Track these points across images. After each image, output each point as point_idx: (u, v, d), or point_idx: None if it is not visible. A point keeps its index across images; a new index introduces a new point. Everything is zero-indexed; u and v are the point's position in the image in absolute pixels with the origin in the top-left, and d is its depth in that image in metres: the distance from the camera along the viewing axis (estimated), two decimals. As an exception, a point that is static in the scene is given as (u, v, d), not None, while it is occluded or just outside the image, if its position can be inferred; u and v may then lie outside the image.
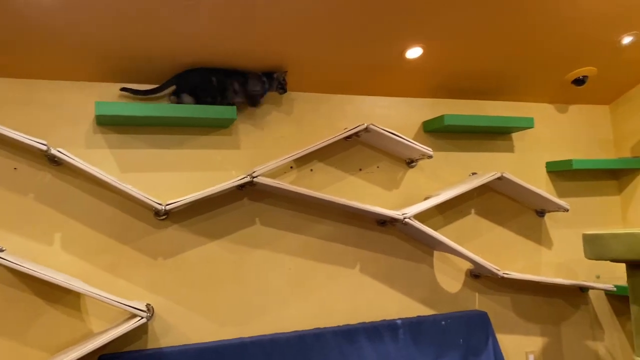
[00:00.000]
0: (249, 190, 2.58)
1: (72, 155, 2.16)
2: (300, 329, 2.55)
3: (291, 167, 2.68)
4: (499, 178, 2.88)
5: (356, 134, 2.68)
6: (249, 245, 2.57)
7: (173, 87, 2.42)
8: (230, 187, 2.38)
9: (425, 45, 2.54)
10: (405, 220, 2.62)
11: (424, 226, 2.65)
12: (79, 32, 2.06)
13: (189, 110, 2.31)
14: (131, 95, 2.40)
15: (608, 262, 3.10)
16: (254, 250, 2.58)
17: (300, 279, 2.65)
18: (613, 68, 3.04)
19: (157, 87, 2.41)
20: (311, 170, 2.73)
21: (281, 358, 2.36)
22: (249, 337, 2.43)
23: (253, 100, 2.57)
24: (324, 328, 2.53)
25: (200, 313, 2.46)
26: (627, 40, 2.75)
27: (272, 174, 2.62)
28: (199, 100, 2.40)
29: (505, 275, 2.81)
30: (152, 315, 2.32)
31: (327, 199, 2.51)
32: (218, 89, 2.42)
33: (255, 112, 2.65)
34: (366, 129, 2.63)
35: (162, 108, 2.28)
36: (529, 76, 3.01)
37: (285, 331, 2.53)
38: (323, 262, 2.71)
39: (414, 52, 2.58)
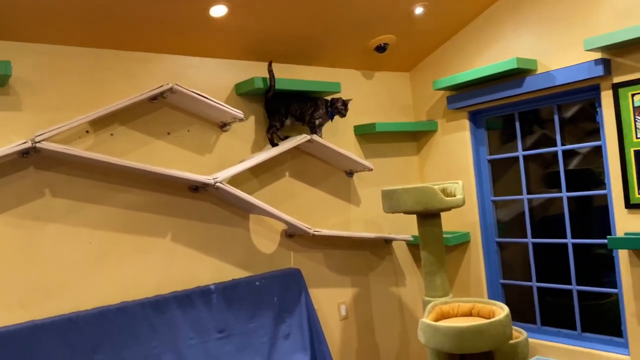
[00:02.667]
0: (34, 158, 2.29)
1: None
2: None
3: (87, 132, 2.44)
4: (309, 141, 2.97)
5: (161, 94, 2.53)
6: (38, 219, 2.30)
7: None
8: (8, 155, 2.08)
9: (229, 3, 2.46)
10: (217, 184, 2.57)
11: (237, 190, 2.64)
12: None
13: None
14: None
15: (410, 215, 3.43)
16: (45, 224, 2.32)
17: (103, 253, 2.46)
18: (410, 37, 3.30)
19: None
20: (111, 134, 2.52)
21: (79, 337, 2.18)
22: (41, 319, 2.20)
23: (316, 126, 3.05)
24: (131, 301, 2.39)
25: (-20, 300, 2.16)
26: (418, 10, 2.99)
27: (65, 139, 2.35)
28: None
29: (316, 233, 2.94)
30: None
31: (129, 165, 2.34)
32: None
33: (43, 68, 2.34)
34: (171, 90, 2.50)
35: None
36: (335, 42, 3.12)
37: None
38: (130, 234, 2.55)
39: (218, 10, 2.49)
